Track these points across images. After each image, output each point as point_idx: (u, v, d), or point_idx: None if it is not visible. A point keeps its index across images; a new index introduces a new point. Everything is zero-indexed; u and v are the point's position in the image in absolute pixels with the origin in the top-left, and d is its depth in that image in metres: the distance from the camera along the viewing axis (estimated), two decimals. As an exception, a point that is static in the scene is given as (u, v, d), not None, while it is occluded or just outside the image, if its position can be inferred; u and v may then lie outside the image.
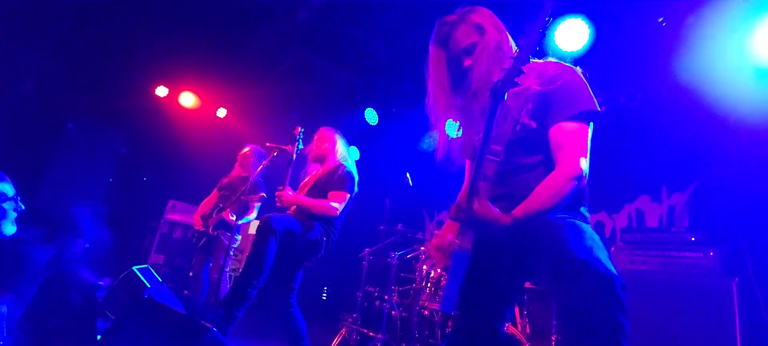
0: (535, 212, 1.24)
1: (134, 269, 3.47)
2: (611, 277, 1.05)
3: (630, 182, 4.12)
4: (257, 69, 5.39)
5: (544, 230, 1.23)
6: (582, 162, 1.28)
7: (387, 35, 4.36)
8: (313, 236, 2.68)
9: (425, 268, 3.63)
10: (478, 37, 1.46)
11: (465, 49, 1.48)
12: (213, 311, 2.09)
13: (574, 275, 1.08)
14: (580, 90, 1.35)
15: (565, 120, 1.32)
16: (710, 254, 2.71)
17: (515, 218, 1.22)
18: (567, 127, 1.31)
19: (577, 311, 1.05)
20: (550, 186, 1.27)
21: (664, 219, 3.86)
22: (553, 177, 1.29)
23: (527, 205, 1.25)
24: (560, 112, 1.32)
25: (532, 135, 1.35)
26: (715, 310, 2.51)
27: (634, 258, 3.05)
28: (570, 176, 1.26)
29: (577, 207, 1.36)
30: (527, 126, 1.34)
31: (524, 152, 1.39)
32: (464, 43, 1.48)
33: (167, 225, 5.79)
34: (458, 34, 1.49)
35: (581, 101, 1.33)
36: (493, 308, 1.41)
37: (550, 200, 1.25)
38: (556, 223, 1.24)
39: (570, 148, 1.29)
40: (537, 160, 1.38)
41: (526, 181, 1.34)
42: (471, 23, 1.49)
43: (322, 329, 4.59)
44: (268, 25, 4.58)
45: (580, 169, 1.27)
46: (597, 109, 1.34)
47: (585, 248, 1.13)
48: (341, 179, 2.87)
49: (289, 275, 2.72)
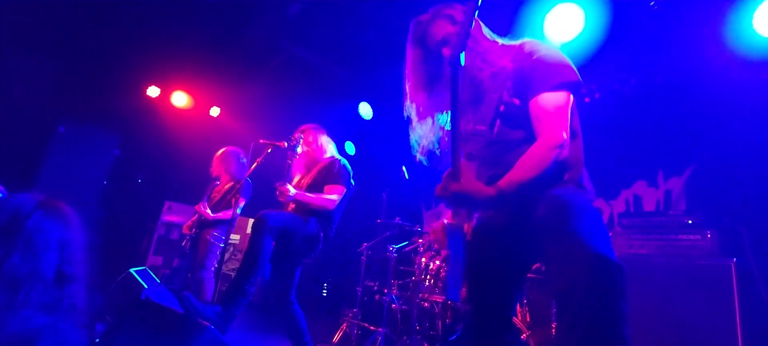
0: (519, 182, 1.24)
1: (131, 271, 3.45)
2: (610, 261, 1.04)
3: (626, 168, 4.12)
4: (249, 66, 5.34)
5: (547, 204, 1.22)
6: (561, 131, 1.28)
7: (379, 28, 4.33)
8: (310, 232, 2.67)
9: (424, 260, 3.62)
10: (452, 27, 1.49)
11: (443, 40, 1.51)
12: (211, 309, 2.08)
13: (572, 258, 1.07)
14: (556, 62, 1.36)
15: (544, 92, 1.32)
16: (708, 235, 2.71)
17: (500, 189, 1.22)
18: (546, 98, 1.32)
19: (576, 296, 1.03)
20: (533, 156, 1.27)
21: (661, 203, 3.87)
22: (535, 147, 1.29)
23: (511, 175, 1.25)
24: (538, 86, 1.33)
25: (516, 111, 1.37)
26: (714, 291, 2.51)
27: (633, 243, 3.06)
28: (551, 145, 1.26)
29: (575, 176, 1.35)
30: (510, 103, 1.36)
31: (511, 130, 1.40)
32: (440, 35, 1.51)
33: (164, 226, 5.76)
34: (433, 29, 1.53)
35: (558, 72, 1.34)
36: (504, 294, 1.40)
37: (533, 170, 1.25)
38: (560, 199, 1.22)
39: (549, 119, 1.30)
40: (522, 136, 1.38)
41: (514, 157, 1.34)
42: (445, 16, 1.52)
43: (323, 324, 4.59)
44: (259, 21, 4.53)
45: (561, 137, 1.27)
46: (576, 78, 1.35)
47: (585, 230, 1.12)
48: (338, 173, 2.88)
49: (288, 272, 2.72)
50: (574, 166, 1.35)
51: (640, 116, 3.99)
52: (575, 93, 1.36)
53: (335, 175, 2.87)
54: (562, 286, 1.08)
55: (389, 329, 3.62)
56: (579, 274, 1.04)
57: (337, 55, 5.03)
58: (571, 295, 1.04)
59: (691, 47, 3.41)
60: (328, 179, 2.86)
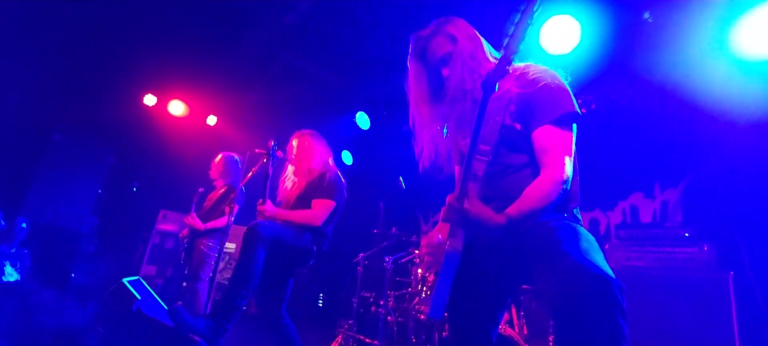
0: (527, 212, 1.23)
1: (124, 281, 3.41)
2: (609, 280, 1.03)
3: (623, 179, 4.13)
4: (247, 75, 5.34)
5: (538, 232, 1.22)
6: (567, 166, 1.28)
7: (377, 38, 4.34)
8: (303, 245, 2.59)
9: (420, 271, 3.59)
10: (452, 46, 1.49)
11: (441, 59, 1.51)
12: (203, 323, 2.04)
13: (570, 278, 1.05)
14: (561, 93, 1.36)
15: (548, 124, 1.32)
16: (705, 248, 2.70)
17: (509, 217, 1.21)
18: (551, 131, 1.32)
19: (575, 315, 1.02)
20: (539, 188, 1.27)
21: (657, 215, 3.87)
22: (541, 180, 1.29)
23: (519, 205, 1.25)
24: (543, 116, 1.33)
25: (517, 136, 1.37)
26: (712, 304, 2.50)
27: (630, 254, 3.04)
28: (557, 180, 1.26)
29: (570, 208, 1.36)
30: (511, 127, 1.35)
31: (510, 154, 1.39)
32: (439, 53, 1.51)
33: (159, 236, 5.72)
34: (433, 45, 1.53)
35: (563, 104, 1.33)
36: (487, 314, 1.40)
37: (541, 202, 1.24)
38: (550, 225, 1.23)
39: (555, 152, 1.30)
40: (523, 161, 1.38)
41: (514, 182, 1.34)
42: (445, 34, 1.52)
43: (319, 336, 4.53)
44: (256, 30, 4.54)
45: (566, 174, 1.27)
46: (579, 111, 1.35)
47: (581, 251, 1.12)
48: (328, 187, 2.73)
49: (279, 285, 2.64)
50: (572, 198, 1.35)
51: (637, 127, 4.00)
52: (578, 124, 1.37)
53: (324, 188, 2.72)
54: (561, 305, 1.07)
55: (385, 341, 3.58)
56: (579, 292, 1.03)
57: (335, 64, 5.03)
58: (571, 313, 1.03)
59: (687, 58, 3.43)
60: (318, 192, 2.72)
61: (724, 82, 3.23)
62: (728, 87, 3.22)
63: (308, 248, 2.62)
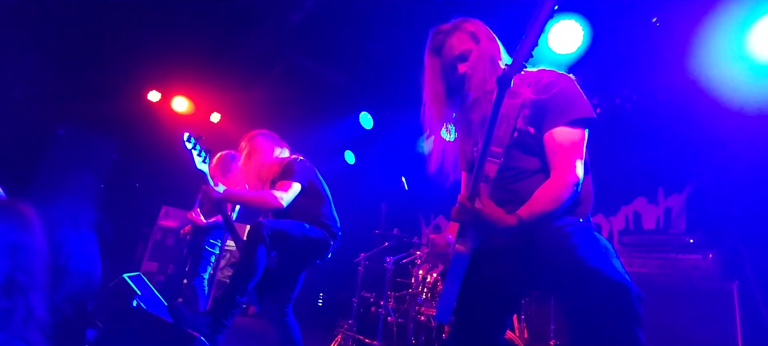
0: (539, 214, 1.22)
1: (125, 276, 3.41)
2: (628, 287, 1.01)
3: (626, 184, 4.10)
4: (251, 73, 5.34)
5: (551, 236, 1.20)
6: (578, 168, 1.27)
7: (381, 38, 4.33)
8: (315, 236, 2.52)
9: (421, 273, 3.58)
10: (473, 44, 1.46)
11: (460, 55, 1.47)
12: (202, 319, 2.03)
13: (587, 284, 1.03)
14: (575, 97, 1.35)
15: (561, 125, 1.31)
16: (709, 256, 2.68)
17: (521, 218, 1.20)
18: (563, 133, 1.30)
19: (590, 323, 1.00)
20: (551, 190, 1.26)
21: (661, 221, 3.84)
22: (552, 181, 1.28)
23: (530, 206, 1.23)
24: (556, 118, 1.32)
25: (530, 140, 1.35)
26: (715, 313, 2.47)
27: (633, 260, 3.02)
28: (568, 183, 1.25)
29: (584, 211, 1.34)
30: (525, 131, 1.34)
31: (523, 157, 1.37)
32: (459, 49, 1.48)
33: (160, 232, 5.71)
34: (453, 40, 1.50)
35: (577, 108, 1.32)
36: (495, 318, 1.37)
37: (552, 203, 1.23)
38: (565, 229, 1.21)
39: (566, 154, 1.28)
40: (536, 166, 1.36)
41: (527, 185, 1.32)
42: (466, 31, 1.49)
43: (318, 335, 4.53)
44: (261, 28, 4.54)
45: (577, 176, 1.26)
46: (593, 115, 1.34)
47: (598, 256, 1.09)
48: (288, 169, 2.61)
49: (289, 281, 2.61)
50: (585, 202, 1.34)
51: (641, 132, 3.97)
52: (590, 129, 1.35)
53: (287, 172, 2.59)
54: (574, 312, 1.05)
55: (384, 342, 3.57)
56: (597, 299, 1.01)
57: (339, 64, 5.03)
58: (587, 321, 1.02)
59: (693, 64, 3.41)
60: (282, 176, 2.60)
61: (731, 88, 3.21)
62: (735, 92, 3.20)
63: (321, 238, 2.55)
